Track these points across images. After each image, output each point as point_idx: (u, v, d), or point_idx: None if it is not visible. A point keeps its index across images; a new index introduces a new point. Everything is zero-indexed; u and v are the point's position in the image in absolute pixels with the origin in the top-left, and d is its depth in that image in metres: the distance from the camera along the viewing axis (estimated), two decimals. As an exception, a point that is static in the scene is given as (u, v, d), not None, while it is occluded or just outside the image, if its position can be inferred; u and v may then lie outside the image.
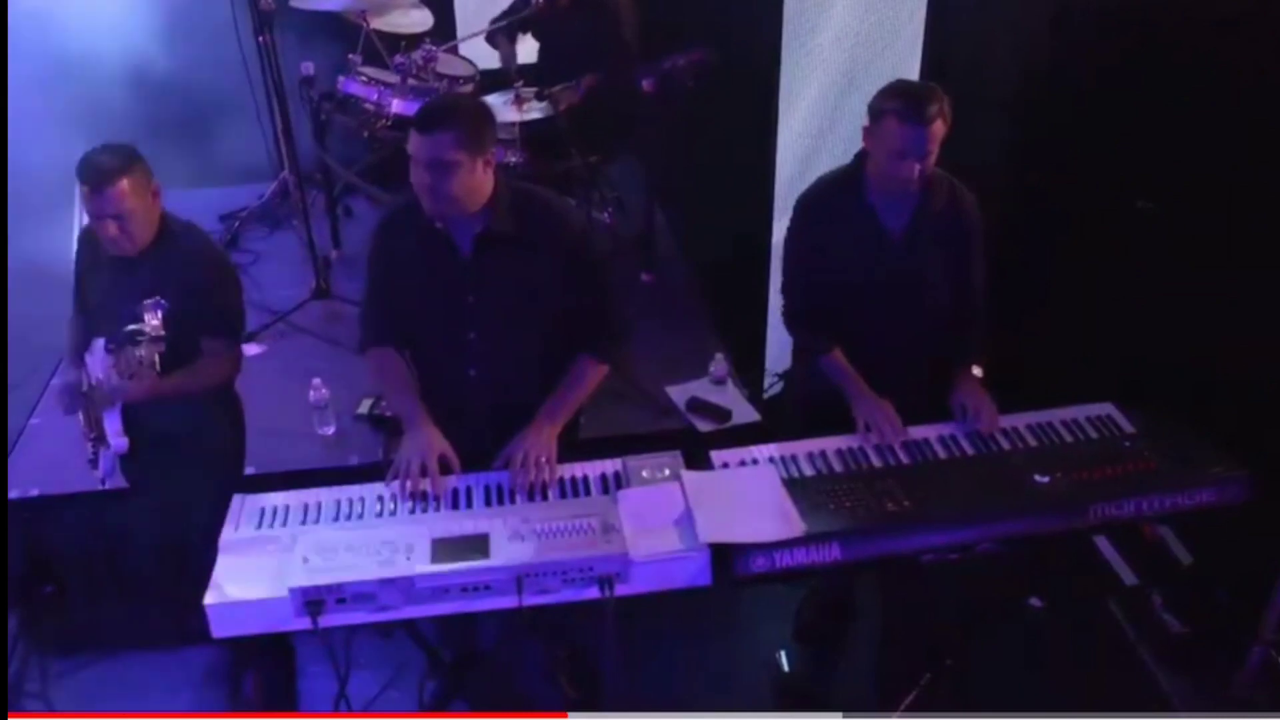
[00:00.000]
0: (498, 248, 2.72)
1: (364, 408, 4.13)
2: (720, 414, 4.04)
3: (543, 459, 2.70)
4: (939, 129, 2.78)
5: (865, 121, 2.88)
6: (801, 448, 2.84)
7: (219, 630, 2.42)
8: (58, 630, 3.69)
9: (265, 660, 3.42)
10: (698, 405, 4.08)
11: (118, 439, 2.88)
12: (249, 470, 3.43)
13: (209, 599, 2.40)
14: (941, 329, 3.04)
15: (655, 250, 4.97)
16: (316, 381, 4.00)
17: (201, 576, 2.44)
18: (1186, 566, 3.50)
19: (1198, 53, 3.22)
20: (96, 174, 2.77)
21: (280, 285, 4.95)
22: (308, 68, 4.88)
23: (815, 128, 4.20)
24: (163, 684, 3.50)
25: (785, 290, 3.16)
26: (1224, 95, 3.17)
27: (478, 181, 2.62)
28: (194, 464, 3.09)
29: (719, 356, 4.24)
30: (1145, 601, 3.53)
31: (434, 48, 4.70)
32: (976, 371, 3.03)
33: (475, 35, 5.11)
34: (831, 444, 2.85)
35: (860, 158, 2.98)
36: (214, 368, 3.04)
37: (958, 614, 3.29)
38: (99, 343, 2.84)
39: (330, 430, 4.04)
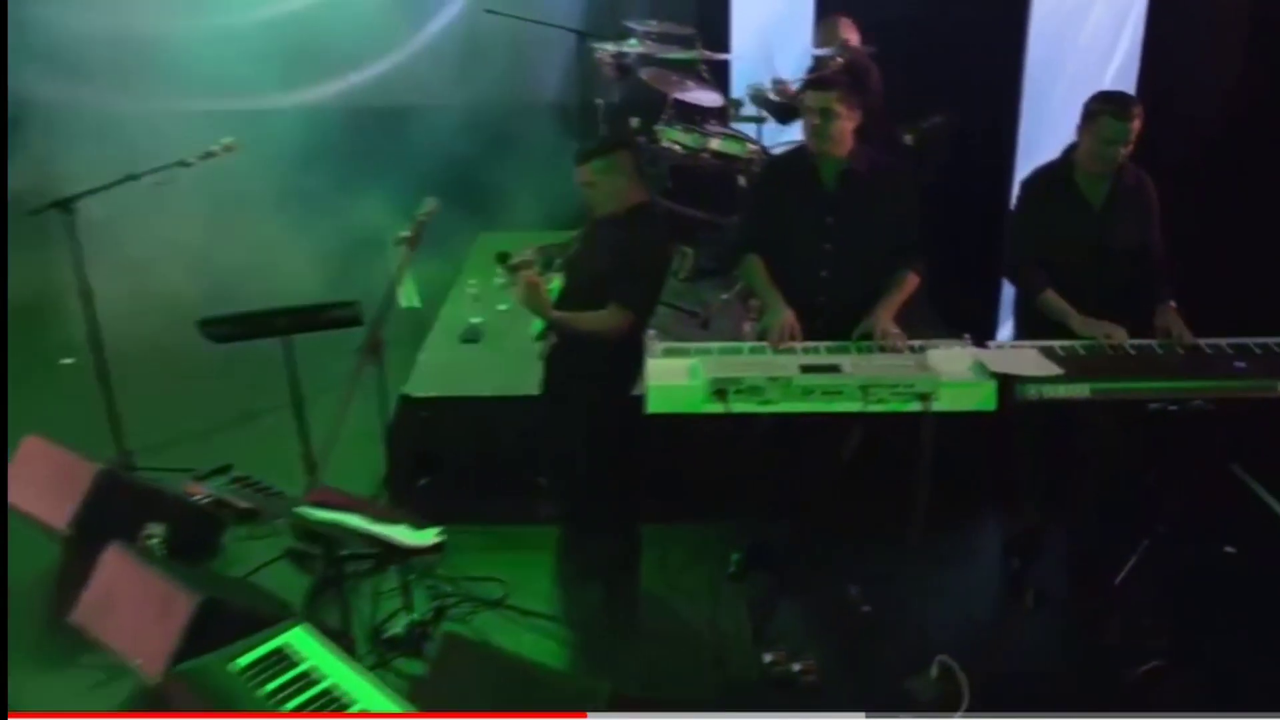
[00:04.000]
0: (852, 184, 3.93)
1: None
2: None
3: (891, 331, 3.80)
4: (1137, 125, 3.86)
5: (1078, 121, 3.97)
6: (1052, 343, 3.87)
7: (654, 407, 3.55)
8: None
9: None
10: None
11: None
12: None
13: (650, 381, 3.54)
14: (1129, 275, 4.02)
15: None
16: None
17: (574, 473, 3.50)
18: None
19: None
20: (579, 153, 3.96)
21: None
22: (633, 122, 6.27)
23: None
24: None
25: (1011, 247, 4.18)
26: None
27: (846, 132, 3.84)
28: (596, 384, 4.02)
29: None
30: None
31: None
32: (1172, 303, 4.01)
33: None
34: (1068, 343, 3.87)
35: (1068, 151, 4.07)
36: (598, 322, 3.88)
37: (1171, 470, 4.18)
38: None
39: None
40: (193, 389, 5.69)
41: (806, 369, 3.60)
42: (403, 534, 3.12)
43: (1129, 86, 4.96)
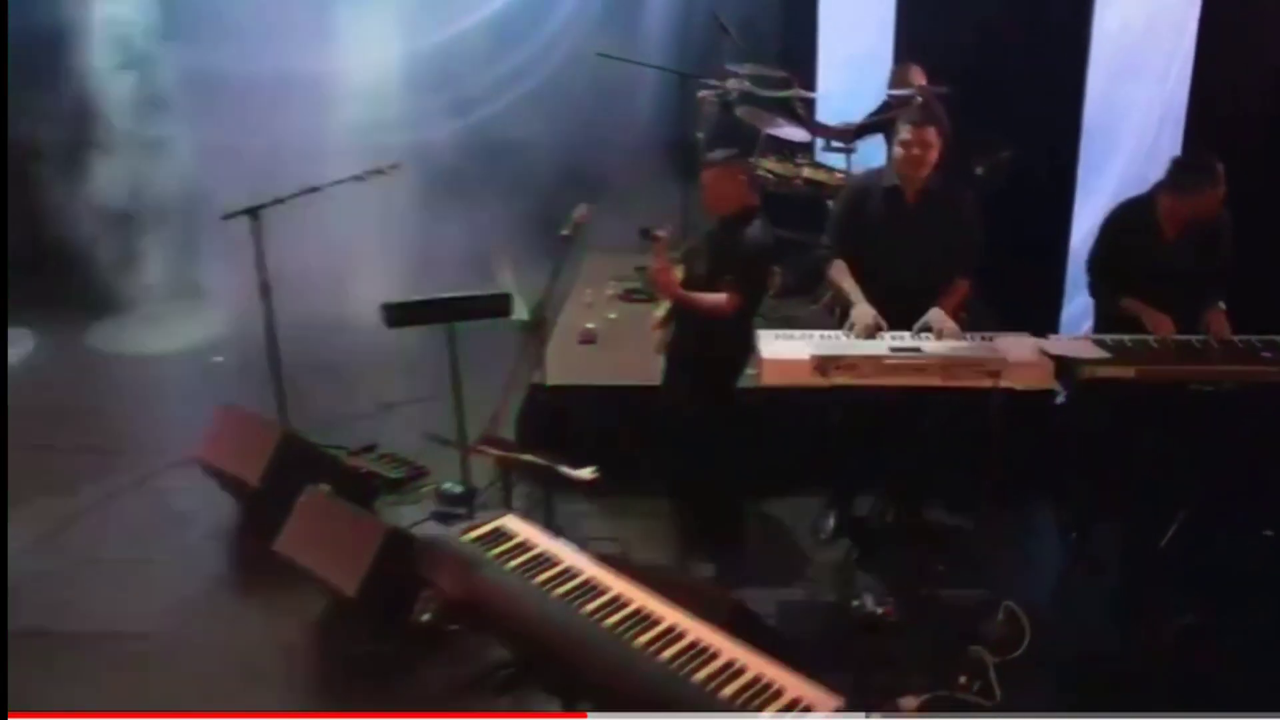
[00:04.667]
0: (928, 201, 4.62)
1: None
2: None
3: (948, 325, 4.49)
4: (1218, 193, 4.50)
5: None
6: (1103, 336, 4.52)
7: (768, 379, 4.25)
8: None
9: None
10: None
11: None
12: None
13: (765, 356, 4.24)
14: (1192, 287, 4.66)
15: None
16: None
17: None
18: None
19: None
20: (705, 160, 4.77)
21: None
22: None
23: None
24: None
25: (1091, 269, 4.87)
26: None
27: (933, 160, 4.54)
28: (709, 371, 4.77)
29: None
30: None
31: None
32: (1221, 305, 4.65)
33: (841, 134, 7.07)
34: (1118, 336, 4.54)
35: (1154, 190, 4.72)
36: (713, 303, 4.65)
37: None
38: None
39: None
40: (334, 381, 6.47)
41: (894, 349, 4.29)
42: (566, 469, 3.83)
43: (1178, 121, 5.62)
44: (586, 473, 3.75)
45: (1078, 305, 5.89)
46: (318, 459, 5.16)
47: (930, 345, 4.36)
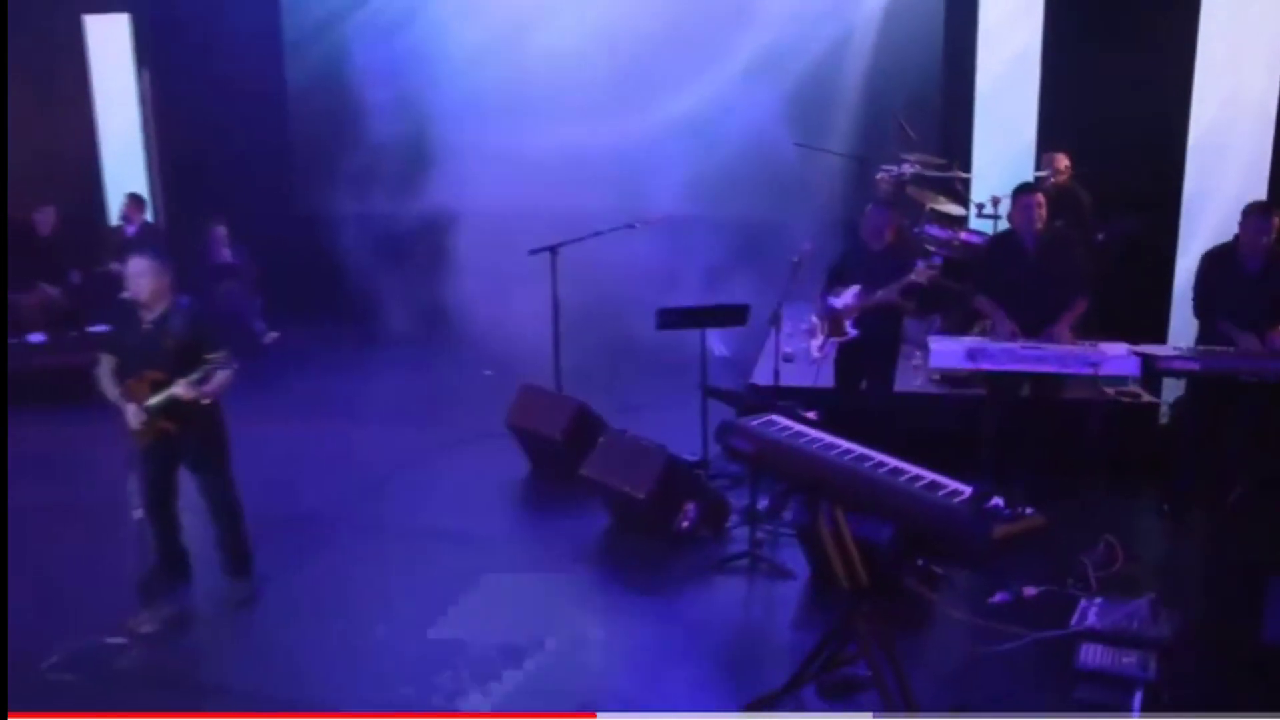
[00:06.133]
0: (1046, 248, 6.44)
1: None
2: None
3: (1064, 335, 6.27)
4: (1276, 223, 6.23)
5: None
6: (1180, 345, 6.26)
7: (935, 363, 6.12)
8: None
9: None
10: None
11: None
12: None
13: (932, 348, 6.12)
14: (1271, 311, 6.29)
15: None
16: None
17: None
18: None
19: None
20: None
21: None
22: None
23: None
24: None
25: (1197, 309, 6.56)
26: None
27: (1043, 218, 6.39)
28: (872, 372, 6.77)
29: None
30: None
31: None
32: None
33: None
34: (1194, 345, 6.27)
35: (1237, 237, 6.42)
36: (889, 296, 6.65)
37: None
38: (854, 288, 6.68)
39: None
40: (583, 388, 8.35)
41: (1024, 346, 6.11)
42: (801, 411, 5.72)
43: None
44: (812, 415, 5.61)
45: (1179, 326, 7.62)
46: (600, 424, 7.14)
47: (1049, 345, 6.16)
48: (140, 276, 5.25)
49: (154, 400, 5.26)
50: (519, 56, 10.54)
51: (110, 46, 11.17)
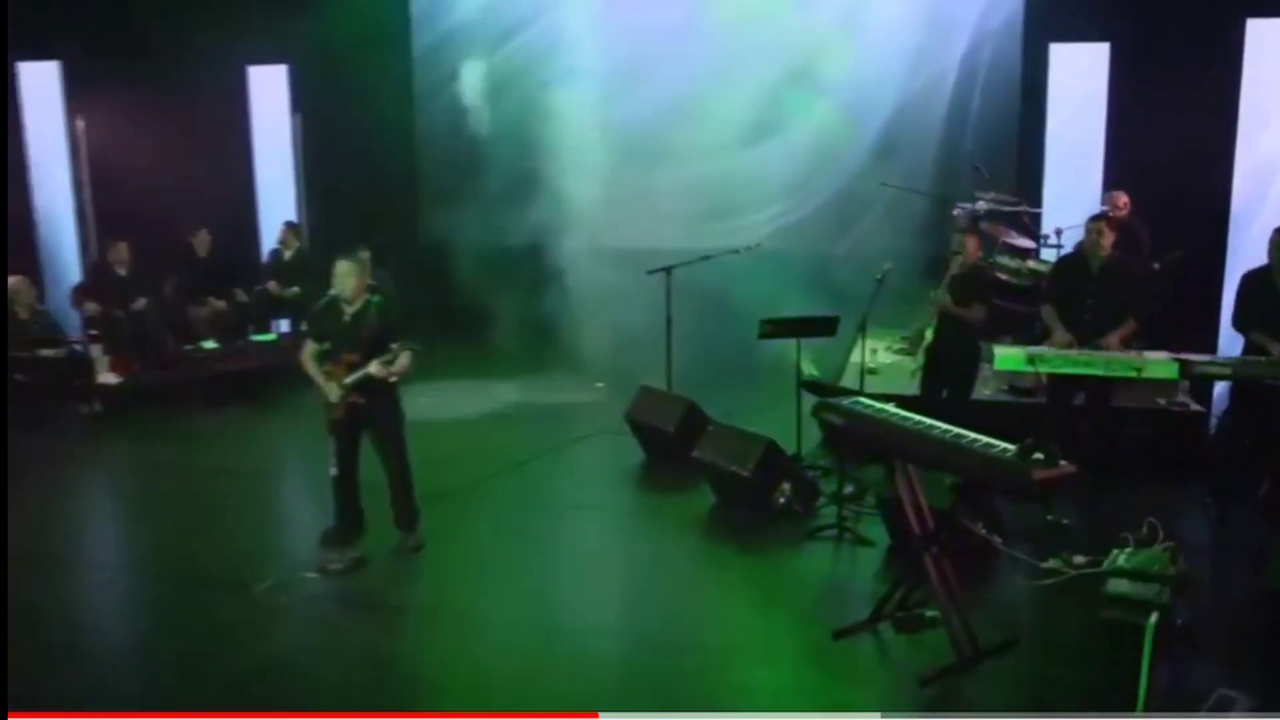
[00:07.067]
0: (1106, 269, 7.41)
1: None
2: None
3: (1115, 345, 7.22)
4: None
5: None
6: (1218, 356, 7.17)
7: (999, 366, 7.16)
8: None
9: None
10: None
11: None
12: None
13: (998, 354, 7.13)
14: None
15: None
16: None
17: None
18: None
19: None
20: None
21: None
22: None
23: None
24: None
25: (1236, 324, 7.47)
26: None
27: (1107, 243, 7.36)
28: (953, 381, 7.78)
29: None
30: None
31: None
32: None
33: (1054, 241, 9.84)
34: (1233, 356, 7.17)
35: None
36: (966, 313, 7.62)
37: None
38: None
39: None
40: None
41: (1078, 352, 7.08)
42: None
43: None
44: (891, 406, 6.61)
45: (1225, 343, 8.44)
46: (705, 418, 8.20)
47: (1099, 352, 7.12)
48: (347, 276, 6.46)
49: (350, 379, 6.45)
50: (634, 102, 11.86)
51: (270, 93, 12.68)
